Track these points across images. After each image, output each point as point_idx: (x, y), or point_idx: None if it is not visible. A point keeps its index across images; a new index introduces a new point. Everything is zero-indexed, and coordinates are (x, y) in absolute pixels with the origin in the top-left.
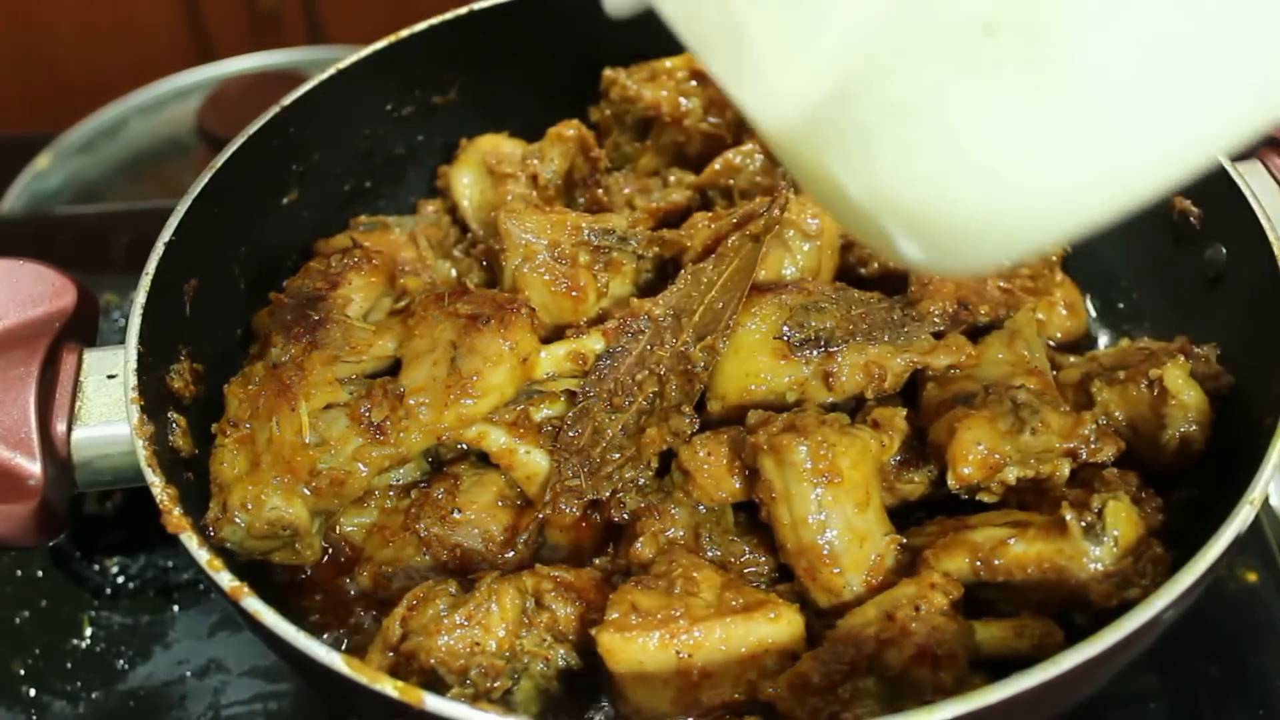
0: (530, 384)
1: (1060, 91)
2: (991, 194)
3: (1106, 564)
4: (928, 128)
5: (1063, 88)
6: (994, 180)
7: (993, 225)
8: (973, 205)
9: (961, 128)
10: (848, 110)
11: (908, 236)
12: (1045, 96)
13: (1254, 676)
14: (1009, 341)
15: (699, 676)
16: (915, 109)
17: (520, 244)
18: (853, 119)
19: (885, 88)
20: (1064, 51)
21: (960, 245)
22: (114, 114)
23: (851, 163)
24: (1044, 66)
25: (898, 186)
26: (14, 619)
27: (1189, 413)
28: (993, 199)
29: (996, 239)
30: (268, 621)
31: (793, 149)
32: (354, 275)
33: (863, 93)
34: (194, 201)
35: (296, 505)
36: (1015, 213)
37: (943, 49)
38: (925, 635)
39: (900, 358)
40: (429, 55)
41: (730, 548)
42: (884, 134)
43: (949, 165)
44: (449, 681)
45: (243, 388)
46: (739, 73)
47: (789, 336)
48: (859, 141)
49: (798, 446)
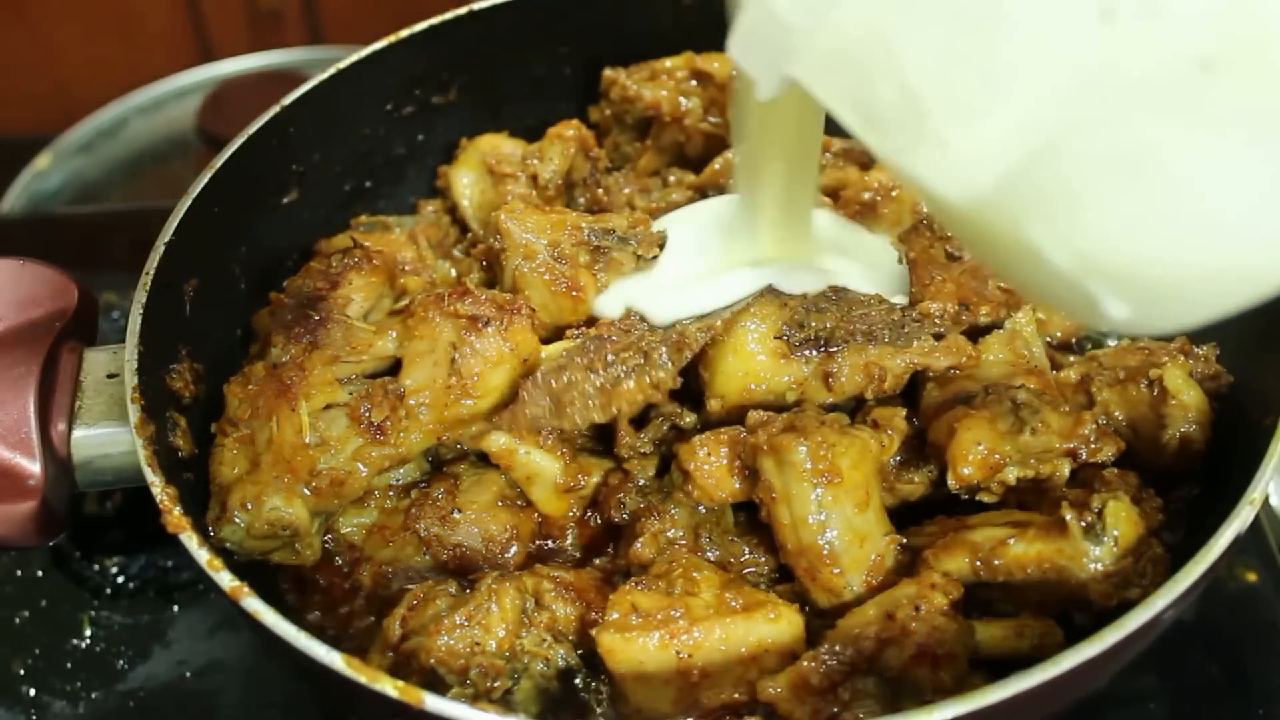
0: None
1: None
2: (1216, 246)
3: (1106, 564)
4: (1144, 181)
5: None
6: (1219, 231)
7: (1215, 278)
8: (1195, 259)
9: (1182, 178)
10: (1050, 171)
11: (1118, 298)
12: (1269, 135)
13: (1254, 676)
14: (1009, 341)
15: (699, 676)
16: (1128, 162)
17: (520, 244)
18: (1056, 180)
19: (1093, 142)
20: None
21: (1176, 302)
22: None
23: (1056, 227)
24: (1266, 102)
25: (1111, 246)
26: (14, 619)
27: (1189, 413)
28: (1217, 251)
29: (1216, 292)
30: (268, 621)
31: (983, 220)
32: (354, 275)
33: (1066, 150)
34: (194, 201)
35: (296, 505)
36: (1240, 263)
37: (1156, 94)
38: (925, 635)
39: (900, 358)
40: (429, 55)
41: (730, 548)
42: (1094, 192)
43: (1170, 219)
44: (449, 681)
45: (243, 387)
46: (920, 147)
47: (789, 336)
48: (1064, 203)
49: (798, 447)
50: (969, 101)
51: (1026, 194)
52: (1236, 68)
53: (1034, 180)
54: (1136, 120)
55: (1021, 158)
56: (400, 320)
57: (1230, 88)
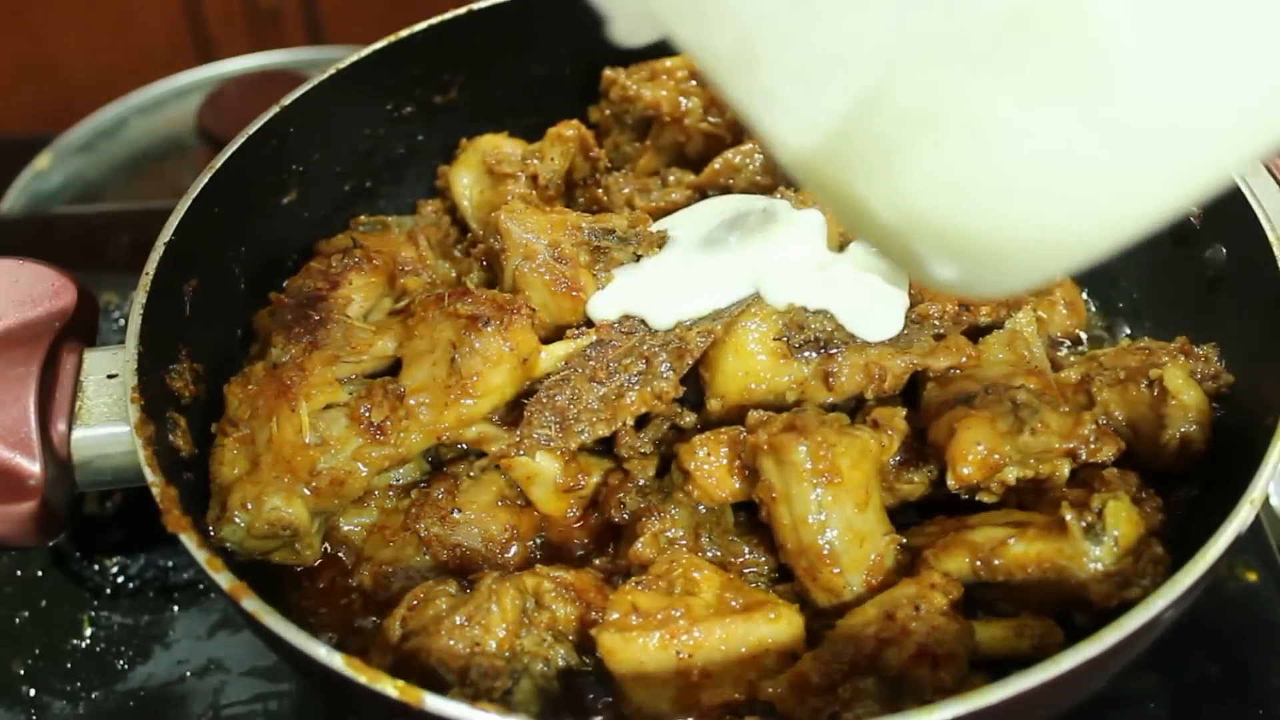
0: (530, 384)
1: (1098, 86)
2: (1029, 205)
3: (1106, 564)
4: (956, 137)
5: (1101, 82)
6: (1031, 190)
7: (1031, 240)
8: (1009, 219)
9: (993, 134)
10: (871, 125)
11: (941, 257)
12: (1083, 93)
13: (1254, 676)
14: (1009, 341)
15: (699, 676)
16: (941, 118)
17: (520, 244)
18: (877, 134)
19: (907, 97)
20: (1101, 41)
21: (996, 264)
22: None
23: (878, 182)
24: (1081, 59)
25: (928, 204)
26: (14, 619)
27: (1189, 413)
28: (1030, 211)
29: (1034, 255)
30: (268, 621)
31: (816, 171)
32: (355, 275)
33: (885, 105)
34: (194, 201)
35: (296, 505)
36: (1054, 225)
37: (968, 48)
38: (925, 635)
39: (900, 359)
40: (429, 55)
41: (730, 548)
42: (910, 148)
43: (982, 176)
44: (449, 681)
45: (243, 387)
46: (756, 95)
47: (789, 337)
48: (884, 158)
49: (798, 446)
50: (797, 53)
51: (853, 148)
52: (1047, 22)
53: (858, 135)
54: (950, 76)
55: (847, 111)
56: (400, 320)
57: (1042, 44)
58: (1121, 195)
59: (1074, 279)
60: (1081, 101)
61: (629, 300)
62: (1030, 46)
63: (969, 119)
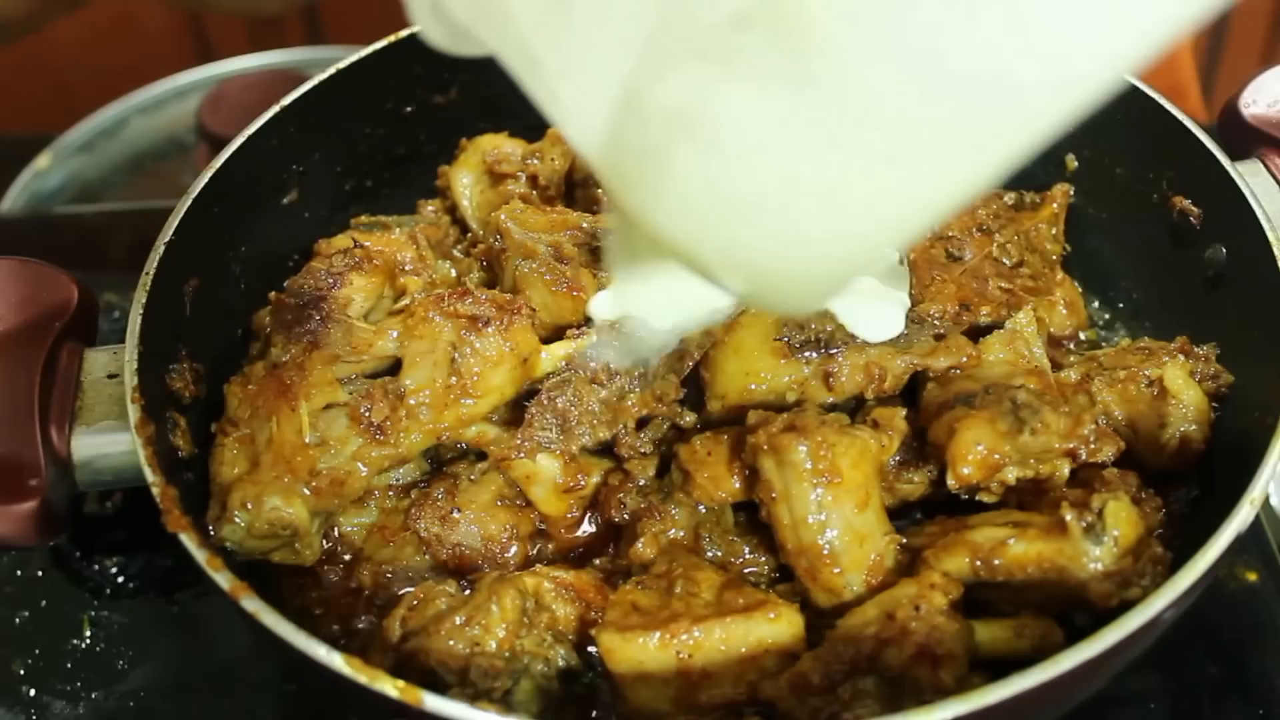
0: (531, 384)
1: (818, 84)
2: (785, 208)
3: (1106, 564)
4: (709, 142)
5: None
6: (784, 196)
7: (795, 245)
8: (766, 218)
9: (739, 138)
10: (636, 128)
11: (725, 271)
12: (805, 91)
13: (1254, 676)
14: (1009, 341)
15: (699, 676)
16: (686, 119)
17: (521, 243)
18: (641, 137)
19: (656, 98)
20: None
21: (776, 274)
22: (114, 114)
23: (651, 191)
24: (800, 57)
25: (690, 210)
26: (14, 619)
27: (1189, 412)
28: (788, 214)
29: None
30: (268, 621)
31: (608, 179)
32: (355, 275)
33: (641, 106)
34: (194, 201)
35: (296, 505)
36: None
37: (702, 47)
38: (925, 635)
39: (901, 359)
40: (429, 55)
41: (730, 548)
42: (671, 155)
43: (738, 185)
44: (449, 681)
45: (243, 387)
46: (545, 97)
47: (789, 338)
48: (652, 166)
49: (798, 446)
50: (562, 52)
51: (628, 155)
52: (767, 21)
53: (630, 140)
54: (689, 77)
55: (612, 112)
56: (400, 320)
57: (765, 42)
58: (874, 194)
59: (1074, 279)
60: (806, 96)
61: (630, 301)
62: (753, 42)
63: (711, 119)
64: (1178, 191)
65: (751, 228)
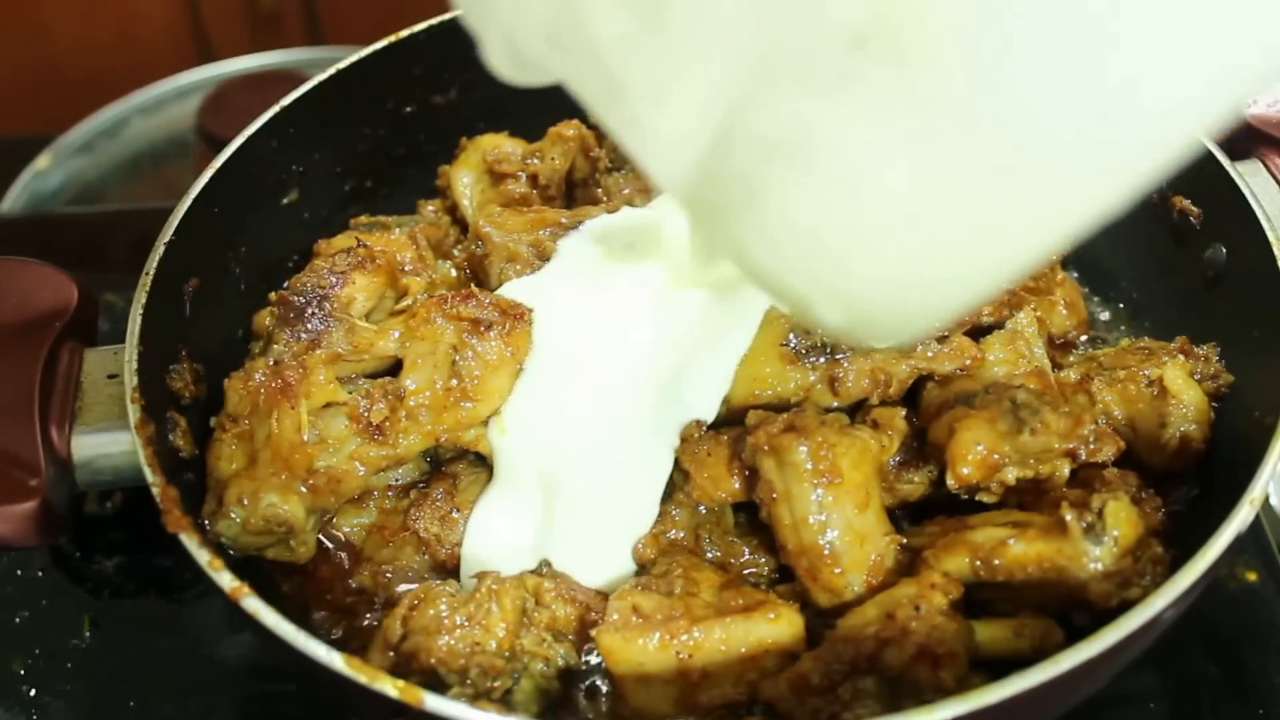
0: None
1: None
2: (889, 236)
3: (1106, 564)
4: (815, 169)
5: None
6: (893, 227)
7: (900, 274)
8: (875, 250)
9: (849, 164)
10: (730, 155)
11: (821, 298)
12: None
13: (1254, 676)
14: (1009, 341)
15: (699, 677)
16: (790, 146)
17: (503, 246)
18: (736, 165)
19: (760, 125)
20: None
21: (878, 302)
22: (114, 114)
23: (746, 216)
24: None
25: (791, 237)
26: (14, 619)
27: (1189, 412)
28: (892, 242)
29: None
30: (268, 621)
31: (695, 208)
32: (358, 274)
33: (741, 133)
34: (194, 201)
35: (292, 502)
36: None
37: (808, 68)
38: (925, 635)
39: (905, 363)
40: (429, 55)
41: (730, 548)
42: (774, 181)
43: (845, 213)
44: (449, 681)
45: (243, 383)
46: (628, 125)
47: (795, 344)
48: (751, 194)
49: (798, 447)
50: (655, 82)
51: (721, 179)
52: (887, 43)
53: (726, 168)
54: (801, 100)
55: (708, 142)
56: (402, 321)
57: (879, 66)
58: (991, 229)
59: (1074, 279)
60: (922, 122)
61: None
62: (868, 68)
63: (823, 147)
64: (1178, 191)
65: (858, 258)
